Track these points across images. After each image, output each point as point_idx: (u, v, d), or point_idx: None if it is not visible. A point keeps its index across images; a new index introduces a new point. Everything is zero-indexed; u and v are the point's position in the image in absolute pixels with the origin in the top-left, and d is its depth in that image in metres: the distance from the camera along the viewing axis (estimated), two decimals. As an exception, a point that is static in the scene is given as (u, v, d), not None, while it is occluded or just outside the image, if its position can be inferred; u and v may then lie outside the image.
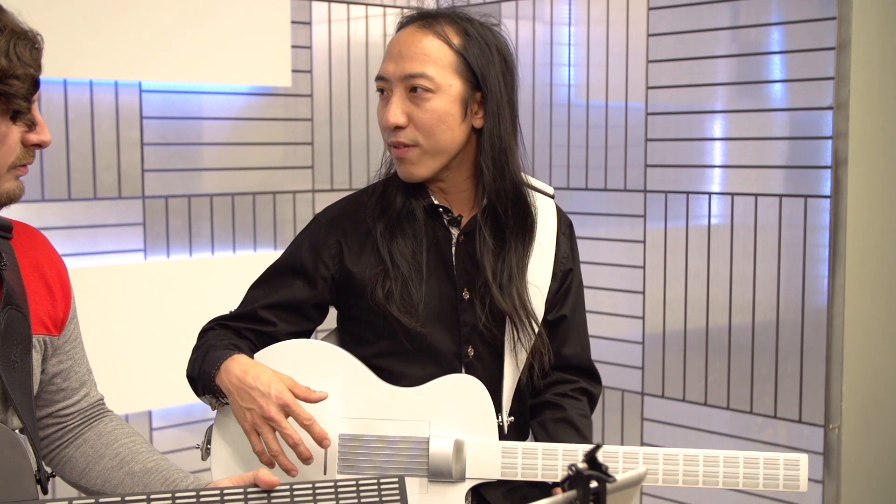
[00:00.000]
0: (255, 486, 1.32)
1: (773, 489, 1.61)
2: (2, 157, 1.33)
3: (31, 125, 1.36)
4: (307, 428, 1.56)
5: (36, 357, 1.46)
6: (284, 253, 1.79)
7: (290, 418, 1.56)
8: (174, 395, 2.79)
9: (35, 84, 1.34)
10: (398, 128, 1.66)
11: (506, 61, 1.71)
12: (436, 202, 1.73)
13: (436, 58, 1.65)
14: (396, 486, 1.36)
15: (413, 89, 1.65)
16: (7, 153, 1.34)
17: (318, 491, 1.34)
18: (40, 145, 1.39)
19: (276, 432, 1.56)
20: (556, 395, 1.80)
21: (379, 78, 1.69)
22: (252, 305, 1.75)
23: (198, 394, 1.70)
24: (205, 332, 1.76)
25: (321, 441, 1.57)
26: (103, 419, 1.61)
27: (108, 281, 2.72)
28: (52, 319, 1.49)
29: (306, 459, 1.57)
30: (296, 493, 1.32)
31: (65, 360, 1.53)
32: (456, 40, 1.66)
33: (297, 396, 1.56)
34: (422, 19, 1.69)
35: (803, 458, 1.61)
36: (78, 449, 1.56)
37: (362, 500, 1.35)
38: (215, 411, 1.72)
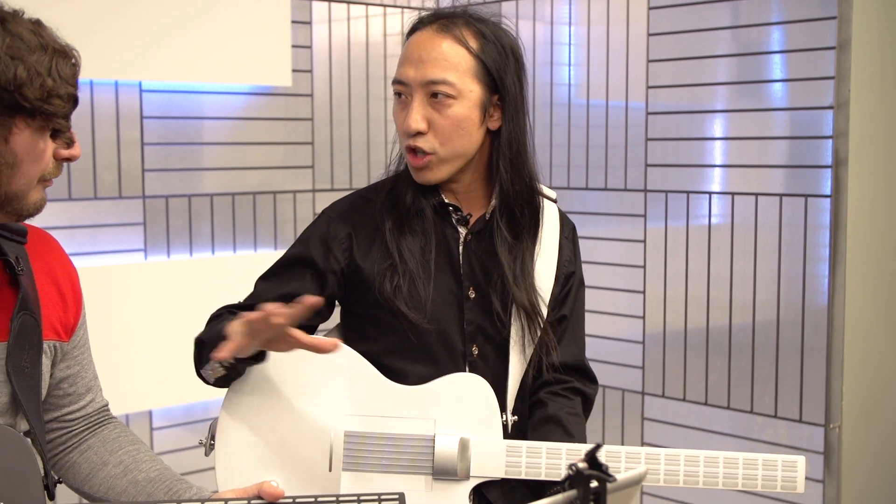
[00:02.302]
0: (259, 498, 1.31)
1: (771, 490, 1.62)
2: (37, 171, 1.33)
3: (70, 143, 1.37)
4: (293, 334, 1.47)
5: (45, 362, 1.45)
6: (293, 246, 1.78)
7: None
8: (174, 395, 2.79)
9: (75, 102, 1.34)
10: (418, 133, 1.66)
11: (519, 62, 1.72)
12: (446, 201, 1.74)
13: (456, 63, 1.65)
14: (397, 501, 1.37)
15: (434, 95, 1.65)
16: (42, 167, 1.34)
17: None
18: (70, 159, 1.39)
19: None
20: (546, 394, 1.79)
21: (397, 82, 1.68)
22: (262, 297, 1.72)
23: (200, 365, 1.64)
24: (213, 319, 1.74)
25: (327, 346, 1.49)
26: (108, 425, 1.60)
27: (108, 281, 2.72)
28: (62, 325, 1.48)
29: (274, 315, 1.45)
30: None
31: (73, 366, 1.53)
32: (474, 44, 1.66)
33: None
34: (438, 21, 1.68)
35: (801, 460, 1.62)
36: (82, 455, 1.56)
37: None
38: (218, 410, 1.71)
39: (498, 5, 3.27)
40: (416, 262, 1.70)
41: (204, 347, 1.66)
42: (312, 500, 1.34)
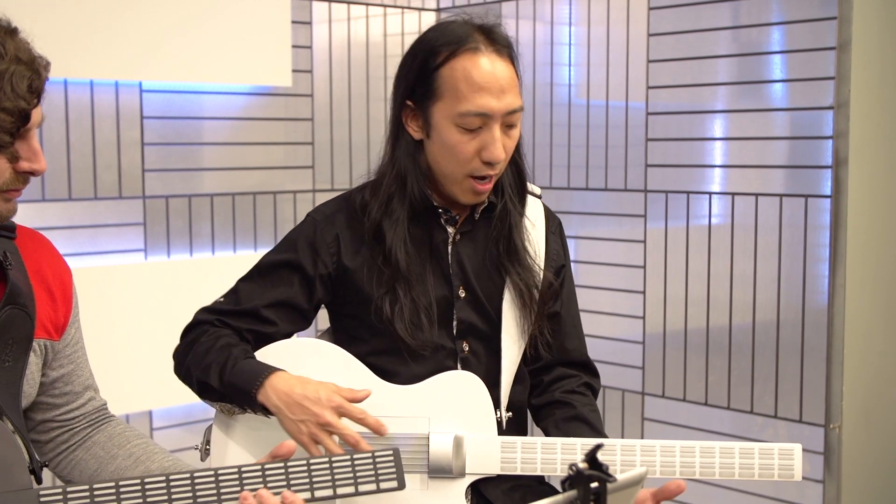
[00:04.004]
0: (252, 464, 1.33)
1: (769, 478, 1.62)
2: None
3: (14, 159, 1.30)
4: (361, 421, 1.56)
5: (35, 361, 1.44)
6: (279, 249, 1.77)
7: (344, 419, 1.57)
8: (174, 395, 2.77)
9: (25, 118, 1.28)
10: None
11: None
12: (435, 203, 1.74)
13: (517, 84, 1.66)
14: (392, 458, 1.39)
15: (510, 124, 1.66)
16: None
17: (312, 467, 1.36)
18: (32, 173, 1.34)
19: (334, 436, 1.56)
20: (563, 392, 1.81)
21: (478, 115, 1.62)
22: (253, 303, 1.73)
23: (209, 398, 1.67)
24: (201, 325, 1.72)
25: (379, 429, 1.57)
26: (110, 423, 1.60)
27: (108, 281, 2.72)
28: (52, 324, 1.48)
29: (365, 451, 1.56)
30: (290, 469, 1.35)
31: (66, 364, 1.52)
32: (514, 60, 1.68)
33: (344, 397, 1.57)
34: (493, 42, 1.65)
35: (797, 448, 1.62)
36: (88, 451, 1.56)
37: (357, 472, 1.36)
38: (216, 412, 1.71)
39: (498, 5, 3.28)
40: (407, 267, 1.69)
41: (209, 391, 1.65)
42: (304, 462, 1.35)
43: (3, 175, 1.31)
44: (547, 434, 1.78)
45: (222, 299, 1.76)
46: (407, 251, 1.70)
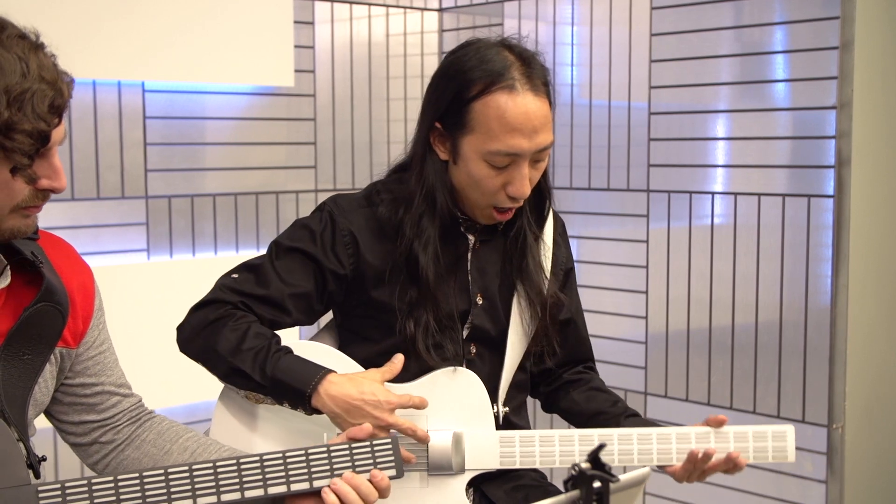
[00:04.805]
0: (356, 441, 1.37)
1: (763, 461, 1.65)
2: (3, 202, 1.27)
3: (31, 180, 1.28)
4: (409, 431, 1.62)
5: (49, 369, 1.43)
6: (296, 235, 1.73)
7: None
8: (175, 395, 2.79)
9: (44, 139, 1.25)
10: None
11: None
12: (458, 214, 1.73)
13: (550, 119, 1.64)
14: (390, 446, 1.40)
15: (538, 160, 1.66)
16: (12, 198, 1.27)
17: (311, 456, 1.37)
18: (53, 191, 1.32)
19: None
20: (573, 373, 1.88)
21: (507, 154, 1.61)
22: (279, 292, 1.68)
23: (236, 384, 1.64)
24: (224, 304, 1.67)
25: (424, 439, 1.64)
26: (152, 419, 1.59)
27: (110, 281, 2.71)
28: (71, 331, 1.46)
29: (424, 439, 1.62)
30: (289, 459, 1.36)
31: (91, 367, 1.51)
32: (549, 93, 1.66)
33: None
34: (529, 79, 1.62)
35: (790, 430, 1.65)
36: (139, 449, 1.55)
37: (356, 461, 1.38)
38: (216, 416, 1.71)
39: (500, 5, 3.27)
40: (436, 287, 1.68)
41: (244, 379, 1.62)
42: (302, 452, 1.37)
43: (21, 194, 1.28)
44: (564, 409, 1.84)
45: (237, 276, 1.71)
46: (437, 270, 1.69)
